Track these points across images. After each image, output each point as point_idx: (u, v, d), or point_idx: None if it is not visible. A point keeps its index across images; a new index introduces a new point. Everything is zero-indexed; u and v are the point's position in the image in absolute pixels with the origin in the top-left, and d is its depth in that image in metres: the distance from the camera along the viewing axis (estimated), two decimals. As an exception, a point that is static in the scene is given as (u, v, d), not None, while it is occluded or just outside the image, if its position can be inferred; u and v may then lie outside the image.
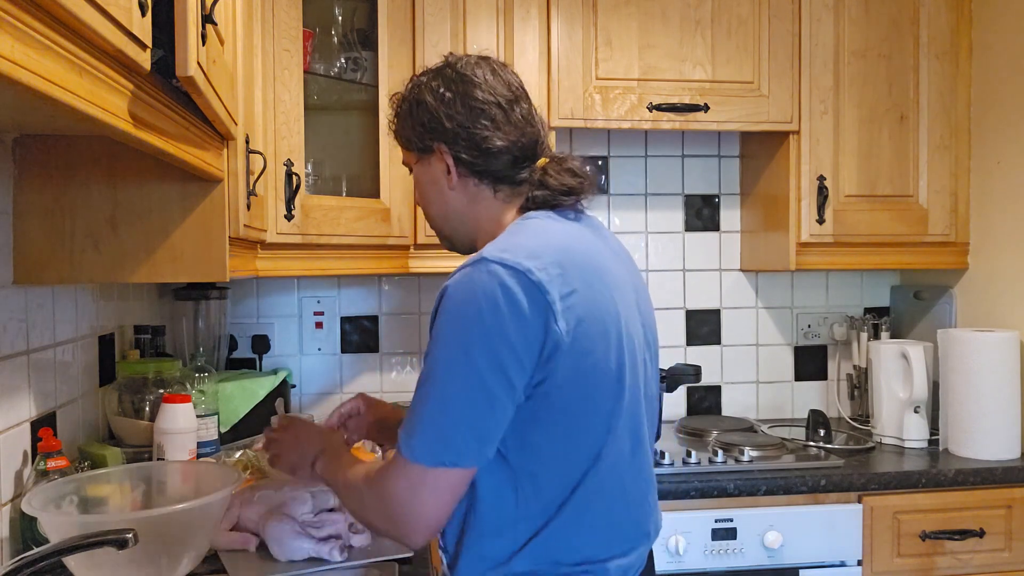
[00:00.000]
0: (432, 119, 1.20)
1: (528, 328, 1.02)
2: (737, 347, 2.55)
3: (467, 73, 1.20)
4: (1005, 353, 2.02)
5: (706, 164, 2.53)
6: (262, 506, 1.41)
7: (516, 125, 1.19)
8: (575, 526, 1.10)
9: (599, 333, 1.07)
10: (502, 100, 1.19)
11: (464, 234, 1.26)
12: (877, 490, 1.92)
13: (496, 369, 1.01)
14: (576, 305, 1.05)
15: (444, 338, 1.04)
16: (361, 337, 2.41)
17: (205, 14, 0.90)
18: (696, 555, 1.86)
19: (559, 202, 1.19)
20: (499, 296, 1.02)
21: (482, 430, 1.03)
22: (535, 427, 1.06)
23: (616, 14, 2.13)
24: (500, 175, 1.20)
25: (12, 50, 0.55)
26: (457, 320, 1.03)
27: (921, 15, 2.23)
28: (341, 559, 1.35)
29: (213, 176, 1.23)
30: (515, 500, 1.09)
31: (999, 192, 2.19)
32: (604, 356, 1.08)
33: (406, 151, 1.29)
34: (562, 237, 1.13)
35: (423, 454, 1.03)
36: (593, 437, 1.09)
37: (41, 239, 1.26)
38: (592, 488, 1.09)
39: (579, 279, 1.07)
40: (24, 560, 0.91)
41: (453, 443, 1.03)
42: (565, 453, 1.08)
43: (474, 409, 1.02)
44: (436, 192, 1.24)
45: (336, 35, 2.07)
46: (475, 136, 1.18)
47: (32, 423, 1.35)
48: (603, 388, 1.09)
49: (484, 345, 1.01)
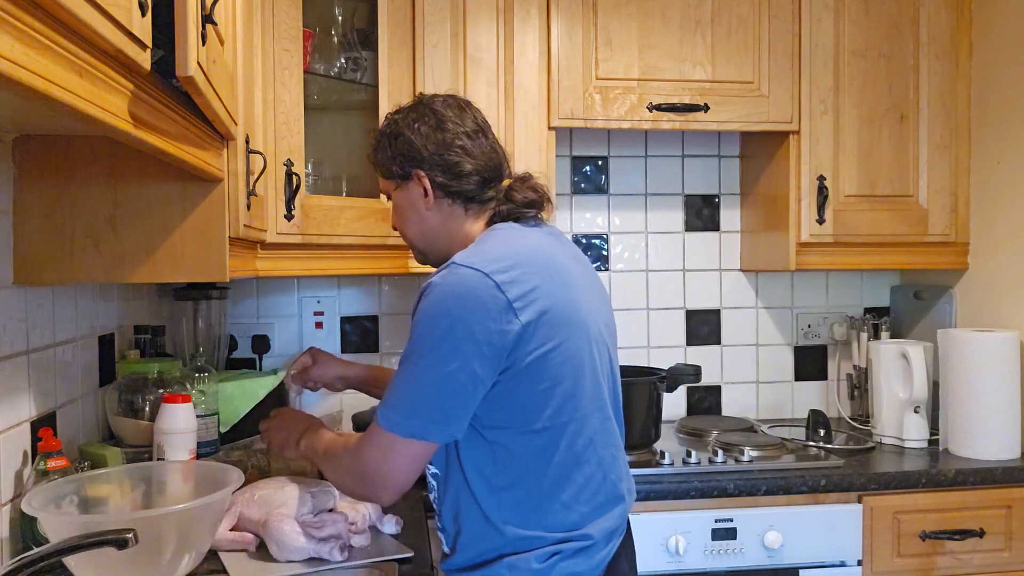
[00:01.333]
0: (411, 148, 1.35)
1: (490, 321, 1.17)
2: (737, 347, 2.55)
3: (439, 109, 1.37)
4: (1005, 353, 2.02)
5: (706, 164, 2.53)
6: (262, 506, 1.41)
7: (483, 151, 1.37)
8: (555, 494, 1.24)
9: (562, 320, 1.23)
10: (469, 131, 1.36)
11: (439, 248, 1.39)
12: (877, 490, 1.92)
13: (461, 359, 1.17)
14: (539, 298, 1.20)
15: (421, 329, 1.20)
16: (361, 337, 2.41)
17: (205, 14, 0.90)
18: (696, 555, 1.86)
19: (521, 214, 1.36)
20: (464, 294, 1.18)
21: (447, 410, 1.19)
22: (505, 403, 1.21)
23: (616, 14, 2.13)
24: (470, 195, 1.36)
25: (12, 50, 0.55)
26: (432, 315, 1.19)
27: (921, 15, 2.23)
28: (341, 559, 1.35)
29: (213, 176, 1.23)
30: (494, 471, 1.24)
31: (999, 192, 2.19)
32: (567, 340, 1.23)
33: (385, 180, 1.42)
34: (524, 243, 1.29)
35: (397, 425, 1.20)
36: (560, 411, 1.23)
37: (41, 239, 1.26)
38: (566, 458, 1.24)
39: (540, 276, 1.23)
40: (24, 560, 0.91)
41: (421, 419, 1.19)
42: (531, 425, 1.22)
43: (439, 389, 1.18)
44: (415, 213, 1.39)
45: (336, 35, 2.07)
46: (448, 161, 1.34)
47: (32, 423, 1.35)
48: (567, 368, 1.23)
49: (452, 338, 1.17)
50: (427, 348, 1.19)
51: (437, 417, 1.19)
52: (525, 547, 1.23)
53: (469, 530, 1.26)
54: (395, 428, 1.20)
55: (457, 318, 1.17)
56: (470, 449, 1.24)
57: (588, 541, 1.25)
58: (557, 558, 1.23)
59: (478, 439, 1.23)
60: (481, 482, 1.24)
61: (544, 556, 1.22)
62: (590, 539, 1.25)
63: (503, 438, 1.23)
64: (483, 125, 1.40)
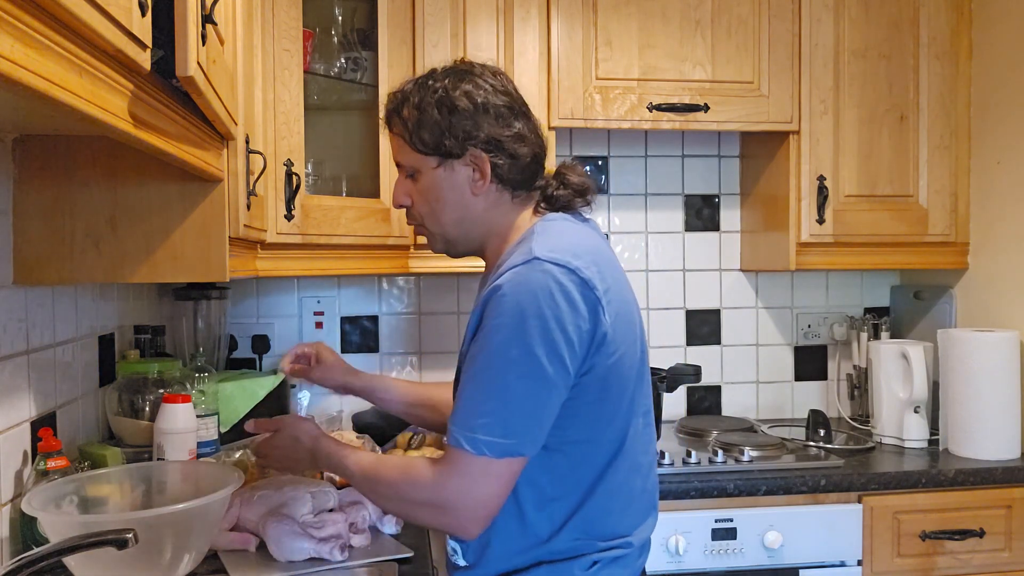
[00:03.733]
0: (472, 125, 1.19)
1: (581, 321, 1.09)
2: (737, 347, 2.55)
3: (494, 83, 1.22)
4: (1005, 353, 2.02)
5: (706, 164, 2.53)
6: (262, 506, 1.41)
7: (535, 134, 1.25)
8: (607, 502, 1.18)
9: (628, 324, 1.17)
10: (523, 110, 1.24)
11: (473, 238, 1.27)
12: (877, 490, 1.92)
13: (556, 360, 1.07)
14: (613, 300, 1.13)
15: (502, 331, 1.08)
16: (361, 337, 2.41)
17: (205, 14, 0.90)
18: (696, 555, 1.86)
19: (573, 204, 1.26)
20: (555, 291, 1.08)
21: (543, 418, 1.10)
22: (574, 412, 1.12)
23: (616, 14, 2.13)
24: (521, 182, 1.24)
25: (12, 50, 0.55)
26: (516, 315, 1.07)
27: (921, 15, 2.23)
28: (342, 559, 1.35)
29: (213, 176, 1.23)
30: (549, 481, 1.15)
31: (999, 192, 2.19)
32: (632, 346, 1.18)
33: (417, 153, 1.23)
34: (587, 238, 1.20)
35: (490, 447, 1.07)
36: (622, 419, 1.17)
37: (41, 239, 1.26)
38: (619, 466, 1.18)
39: (610, 276, 1.15)
40: (24, 560, 0.91)
41: (518, 433, 1.08)
42: (597, 434, 1.15)
43: (536, 399, 1.08)
44: (456, 197, 1.23)
45: (336, 35, 2.07)
46: (506, 144, 1.20)
47: (32, 423, 1.35)
48: (631, 374, 1.18)
49: (544, 337, 1.07)
50: (518, 355, 1.07)
51: (535, 429, 1.09)
52: (568, 555, 1.17)
53: (503, 542, 1.18)
54: (488, 450, 1.07)
55: (550, 315, 1.07)
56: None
57: (628, 549, 1.20)
58: (598, 566, 1.17)
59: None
60: (532, 492, 1.16)
61: (587, 564, 1.17)
62: (630, 547, 1.20)
63: (569, 447, 1.14)
64: (526, 104, 1.28)
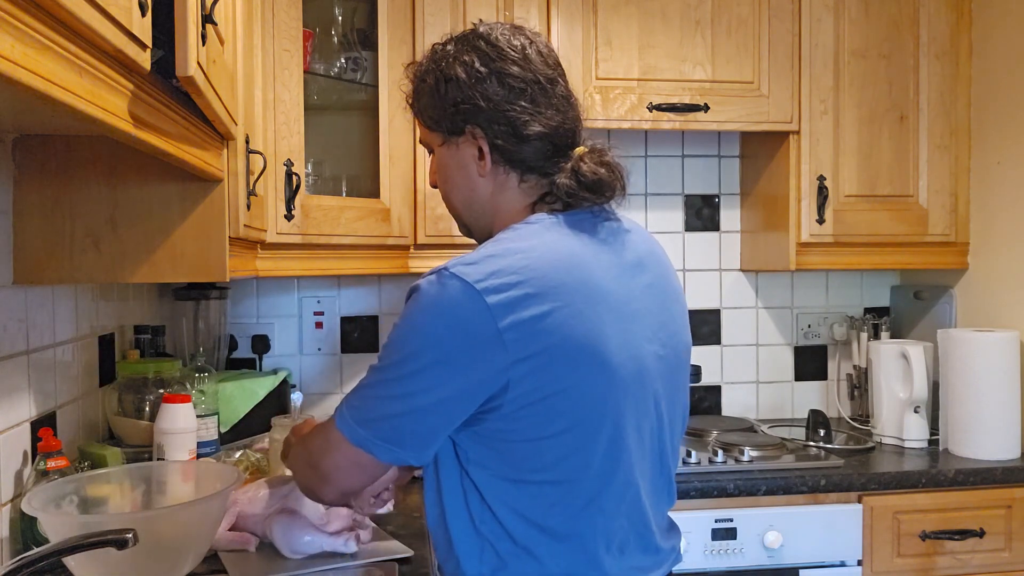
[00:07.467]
0: (465, 98, 1.08)
1: (474, 351, 0.96)
2: (737, 347, 2.55)
3: (503, 46, 1.08)
4: (1005, 353, 2.02)
5: (706, 164, 2.53)
6: (264, 505, 1.41)
7: (557, 108, 1.09)
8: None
9: (575, 359, 0.98)
10: (542, 78, 1.08)
11: (483, 224, 1.16)
12: (877, 490, 1.92)
13: (425, 385, 0.98)
14: (545, 330, 0.96)
15: (393, 338, 1.02)
16: (361, 337, 2.41)
17: (205, 14, 0.90)
18: (696, 555, 1.86)
19: (578, 201, 1.08)
20: (447, 314, 0.97)
21: (401, 432, 1.01)
22: (491, 446, 1.01)
23: (616, 14, 2.13)
24: (532, 164, 1.09)
25: (12, 50, 0.55)
26: (407, 328, 1.00)
27: (921, 15, 2.23)
28: (356, 549, 1.34)
29: (213, 176, 1.23)
30: (479, 516, 1.04)
31: (999, 192, 2.19)
32: (580, 381, 0.99)
33: (429, 131, 1.16)
34: (554, 251, 1.02)
35: (348, 428, 1.03)
36: (557, 465, 1.01)
37: (41, 239, 1.26)
38: (562, 523, 1.03)
39: (556, 299, 0.97)
40: (24, 560, 0.91)
41: (371, 431, 1.01)
42: (517, 475, 1.02)
43: (394, 410, 1.00)
44: (463, 178, 1.13)
45: (336, 35, 2.07)
46: (513, 120, 1.07)
47: (32, 423, 1.35)
48: (599, 406, 1.01)
49: (420, 360, 0.98)
50: (392, 361, 1.01)
51: (388, 435, 1.01)
52: None
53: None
54: (345, 430, 1.03)
55: (433, 339, 0.97)
56: (448, 480, 1.06)
57: None
58: None
59: (460, 472, 1.05)
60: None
61: None
62: None
63: (482, 480, 1.03)
64: (558, 68, 1.11)
